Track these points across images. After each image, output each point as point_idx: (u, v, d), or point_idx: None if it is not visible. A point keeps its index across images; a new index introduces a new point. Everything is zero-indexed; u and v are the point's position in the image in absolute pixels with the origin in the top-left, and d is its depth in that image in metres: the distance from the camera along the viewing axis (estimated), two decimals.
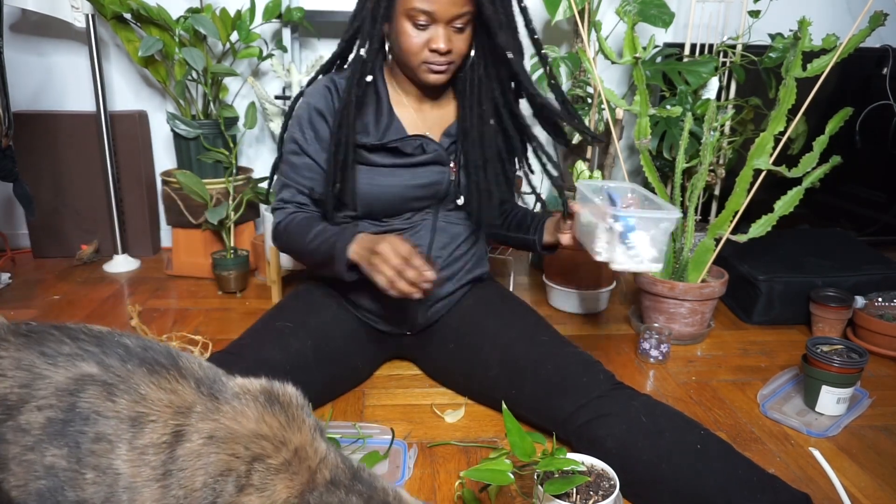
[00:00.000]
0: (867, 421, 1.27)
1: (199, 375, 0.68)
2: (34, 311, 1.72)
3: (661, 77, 1.86)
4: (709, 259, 1.60)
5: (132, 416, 0.61)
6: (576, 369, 1.12)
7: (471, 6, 1.10)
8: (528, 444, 0.85)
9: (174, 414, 0.62)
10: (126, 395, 0.62)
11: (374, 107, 1.22)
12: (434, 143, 1.23)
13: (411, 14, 1.08)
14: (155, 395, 0.63)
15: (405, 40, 1.12)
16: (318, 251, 1.17)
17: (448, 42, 1.11)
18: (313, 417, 0.69)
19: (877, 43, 2.14)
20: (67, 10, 1.87)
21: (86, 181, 2.11)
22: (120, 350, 0.66)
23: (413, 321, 1.30)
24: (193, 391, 0.65)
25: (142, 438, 0.60)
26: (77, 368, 0.63)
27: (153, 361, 0.66)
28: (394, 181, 1.21)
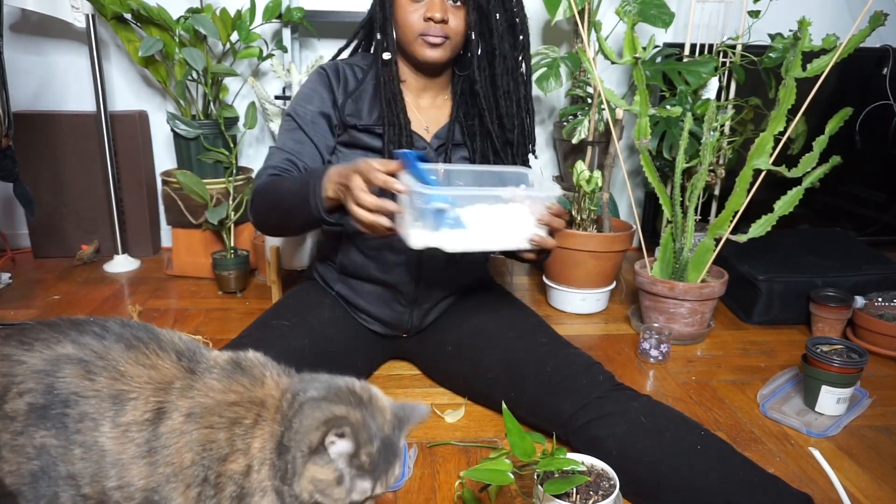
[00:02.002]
0: (867, 421, 1.27)
1: (180, 348, 0.68)
2: (34, 311, 1.72)
3: (661, 77, 1.86)
4: (709, 259, 1.60)
5: (112, 393, 0.62)
6: (576, 370, 1.12)
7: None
8: (528, 444, 0.85)
9: (155, 390, 0.63)
10: (105, 372, 0.63)
11: (373, 90, 1.23)
12: (423, 141, 1.23)
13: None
14: (134, 372, 0.64)
15: (402, 14, 1.14)
16: (291, 197, 1.08)
17: (444, 11, 1.13)
18: (277, 367, 0.72)
19: (877, 43, 2.14)
20: (67, 10, 1.87)
21: (86, 181, 2.11)
22: (96, 328, 0.67)
23: (409, 325, 1.30)
24: (174, 364, 0.66)
25: (124, 416, 0.61)
26: (52, 351, 0.64)
27: (131, 337, 0.67)
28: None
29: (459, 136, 1.26)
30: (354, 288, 1.29)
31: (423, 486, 1.04)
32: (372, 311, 1.29)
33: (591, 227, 1.80)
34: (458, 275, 1.30)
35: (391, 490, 1.01)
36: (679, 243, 1.63)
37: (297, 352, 1.16)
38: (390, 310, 1.28)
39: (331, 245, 1.29)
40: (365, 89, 1.23)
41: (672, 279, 1.63)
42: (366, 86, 1.24)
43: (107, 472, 0.61)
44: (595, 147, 1.91)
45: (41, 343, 0.65)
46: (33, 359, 0.63)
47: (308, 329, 1.21)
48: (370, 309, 1.29)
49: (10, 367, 0.64)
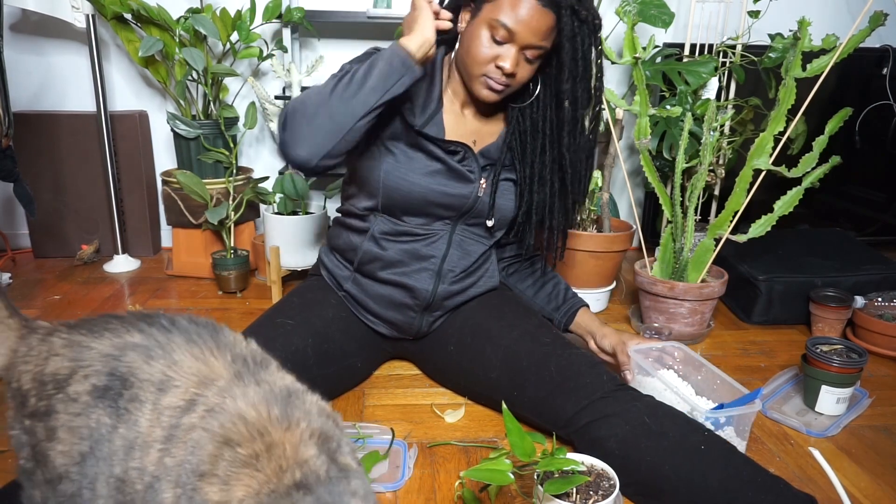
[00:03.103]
0: (867, 421, 1.27)
1: (239, 352, 0.67)
2: (35, 311, 1.72)
3: (661, 77, 1.86)
4: (709, 259, 1.60)
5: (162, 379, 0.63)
6: (578, 370, 1.12)
7: (549, 43, 1.11)
8: (528, 444, 0.85)
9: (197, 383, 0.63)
10: (162, 359, 0.64)
11: (426, 87, 1.19)
12: (472, 157, 1.22)
13: (493, 25, 1.08)
14: (186, 363, 0.64)
15: (476, 46, 1.11)
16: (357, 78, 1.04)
17: (515, 65, 1.11)
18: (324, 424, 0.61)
19: (877, 43, 2.14)
20: (67, 10, 1.87)
21: (86, 181, 2.11)
22: (164, 321, 0.68)
23: (417, 329, 1.30)
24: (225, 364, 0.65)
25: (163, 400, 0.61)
26: (120, 339, 0.66)
27: (195, 332, 0.67)
28: (423, 181, 1.19)
29: (509, 160, 1.26)
30: (366, 289, 1.28)
31: (423, 486, 1.04)
32: (381, 314, 1.29)
33: (591, 227, 1.80)
34: (472, 286, 1.30)
35: (391, 490, 1.01)
36: (679, 243, 1.63)
37: (299, 351, 1.16)
38: (401, 314, 1.28)
39: (350, 243, 1.28)
40: (420, 86, 1.18)
41: (672, 279, 1.63)
42: (422, 82, 1.18)
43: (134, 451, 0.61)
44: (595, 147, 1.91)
45: (111, 332, 0.67)
46: (102, 345, 0.65)
47: (311, 328, 1.21)
48: (380, 311, 1.29)
49: (80, 352, 0.65)
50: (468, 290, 1.30)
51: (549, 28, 1.09)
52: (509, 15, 1.06)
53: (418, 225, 1.23)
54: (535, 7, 1.06)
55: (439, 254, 1.24)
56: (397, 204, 1.21)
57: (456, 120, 1.23)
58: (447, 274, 1.25)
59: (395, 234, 1.23)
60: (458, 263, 1.26)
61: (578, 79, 1.15)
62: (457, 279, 1.26)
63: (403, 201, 1.20)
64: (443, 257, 1.24)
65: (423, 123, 1.18)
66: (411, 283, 1.23)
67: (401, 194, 1.19)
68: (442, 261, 1.24)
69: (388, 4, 1.97)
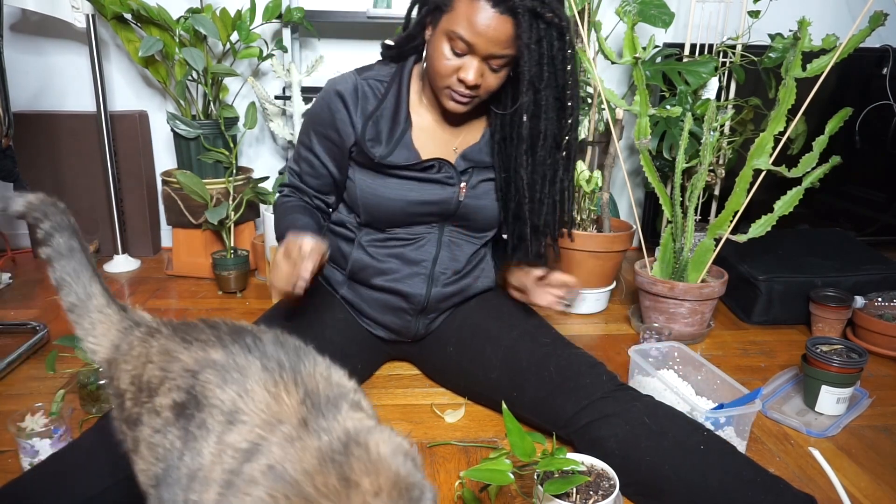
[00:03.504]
0: (867, 421, 1.27)
1: (314, 389, 0.61)
2: (35, 311, 1.72)
3: (661, 77, 1.86)
4: (709, 259, 1.60)
5: (231, 408, 0.59)
6: (578, 370, 1.12)
7: (513, 51, 1.04)
8: (528, 444, 0.85)
9: (264, 423, 0.57)
10: (235, 385, 0.60)
11: (391, 114, 1.18)
12: (449, 166, 1.19)
13: (451, 37, 1.03)
14: (259, 395, 0.59)
15: (437, 59, 1.07)
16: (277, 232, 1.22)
17: (479, 77, 1.06)
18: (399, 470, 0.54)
19: (877, 43, 2.14)
20: (67, 10, 1.87)
21: (86, 181, 2.11)
22: (249, 339, 0.64)
23: (415, 332, 1.30)
24: (296, 404, 0.59)
25: (229, 435, 0.57)
26: (204, 353, 0.63)
27: (275, 359, 0.63)
28: (398, 194, 1.18)
29: (489, 159, 1.22)
30: (361, 294, 1.28)
31: None
32: (378, 318, 1.29)
33: (591, 227, 1.80)
34: (467, 287, 1.30)
35: None
36: (679, 243, 1.63)
37: None
38: (397, 318, 1.28)
39: (340, 251, 1.28)
40: (386, 107, 1.18)
41: (672, 279, 1.63)
42: (387, 102, 1.18)
43: (195, 484, 0.57)
44: (595, 147, 1.91)
45: (198, 344, 0.64)
46: (188, 357, 0.63)
47: (311, 331, 1.21)
48: (376, 316, 1.29)
49: (169, 362, 0.63)
50: (463, 292, 1.29)
51: (510, 35, 1.02)
52: (465, 26, 1.01)
53: (404, 231, 1.23)
54: (492, 15, 1.00)
55: (429, 257, 1.24)
56: (379, 218, 1.22)
57: (431, 132, 1.21)
58: (439, 276, 1.24)
59: (382, 240, 1.24)
60: (450, 265, 1.25)
61: (543, 86, 1.08)
62: (450, 281, 1.26)
63: (383, 215, 1.21)
64: (433, 260, 1.24)
65: (388, 153, 1.16)
66: (404, 289, 1.23)
67: (380, 210, 1.20)
68: (433, 264, 1.24)
69: (388, 4, 1.97)
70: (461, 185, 1.21)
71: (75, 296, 0.76)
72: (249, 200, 1.96)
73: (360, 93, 1.17)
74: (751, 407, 1.10)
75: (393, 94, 1.18)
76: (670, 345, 1.34)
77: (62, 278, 0.75)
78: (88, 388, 1.18)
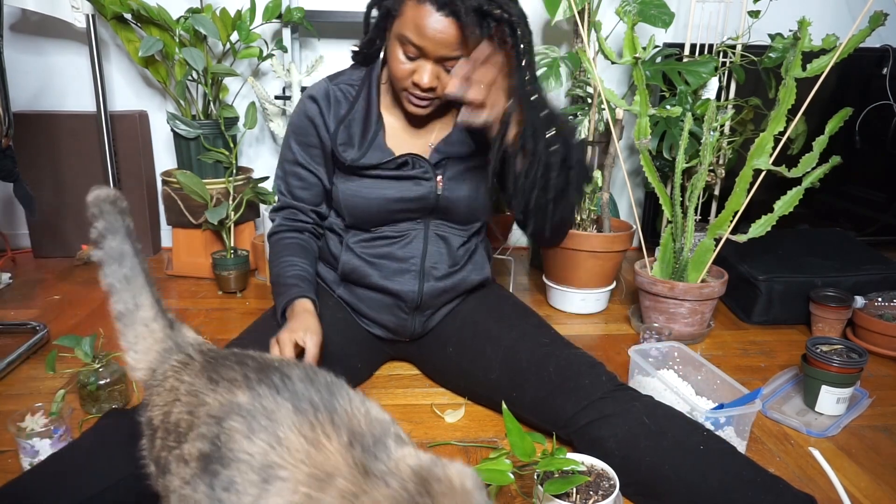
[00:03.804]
0: (867, 421, 1.27)
1: (358, 428, 0.53)
2: (35, 311, 1.72)
3: (661, 77, 1.86)
4: (709, 259, 1.60)
5: (264, 463, 0.51)
6: (578, 370, 1.12)
7: (467, 52, 1.03)
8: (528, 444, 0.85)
9: (309, 477, 0.49)
10: (264, 433, 0.52)
11: (362, 116, 1.19)
12: (422, 160, 1.20)
13: (402, 41, 1.05)
14: (294, 442, 0.51)
15: (393, 64, 1.08)
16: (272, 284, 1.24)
17: (433, 79, 1.06)
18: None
19: (877, 43, 2.14)
20: (67, 10, 1.87)
21: (86, 181, 2.10)
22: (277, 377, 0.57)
23: (412, 331, 1.30)
24: (342, 449, 0.51)
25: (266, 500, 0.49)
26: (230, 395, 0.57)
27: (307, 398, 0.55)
28: (377, 193, 1.20)
29: (463, 148, 1.21)
30: (357, 294, 1.29)
31: None
32: (374, 317, 1.29)
33: (591, 227, 1.80)
34: (461, 281, 1.29)
35: None
36: (679, 243, 1.63)
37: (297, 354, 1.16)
38: (393, 316, 1.28)
39: (332, 251, 1.29)
40: (357, 110, 1.20)
41: (672, 279, 1.63)
42: (358, 105, 1.20)
43: None
44: (595, 147, 1.91)
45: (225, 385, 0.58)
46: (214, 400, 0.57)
47: None
48: (373, 315, 1.29)
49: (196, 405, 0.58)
50: (456, 287, 1.29)
51: (457, 36, 1.01)
52: (413, 30, 1.01)
53: (389, 229, 1.24)
54: (437, 19, 1.00)
55: (418, 253, 1.24)
56: (362, 219, 1.23)
57: (403, 132, 1.22)
58: (430, 271, 1.24)
59: (368, 240, 1.24)
60: (440, 259, 1.25)
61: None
62: (442, 276, 1.26)
63: (366, 215, 1.22)
64: (422, 256, 1.24)
65: (361, 155, 1.18)
66: (395, 288, 1.23)
67: (362, 211, 1.22)
68: (422, 259, 1.24)
69: None
70: (437, 178, 1.21)
71: (123, 304, 0.70)
72: (249, 200, 1.96)
73: (331, 98, 1.20)
74: (751, 407, 1.09)
75: (364, 97, 1.20)
76: (670, 345, 1.34)
77: (112, 284, 0.70)
78: (88, 388, 1.18)
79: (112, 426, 0.96)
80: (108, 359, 1.22)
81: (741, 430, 1.12)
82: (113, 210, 0.70)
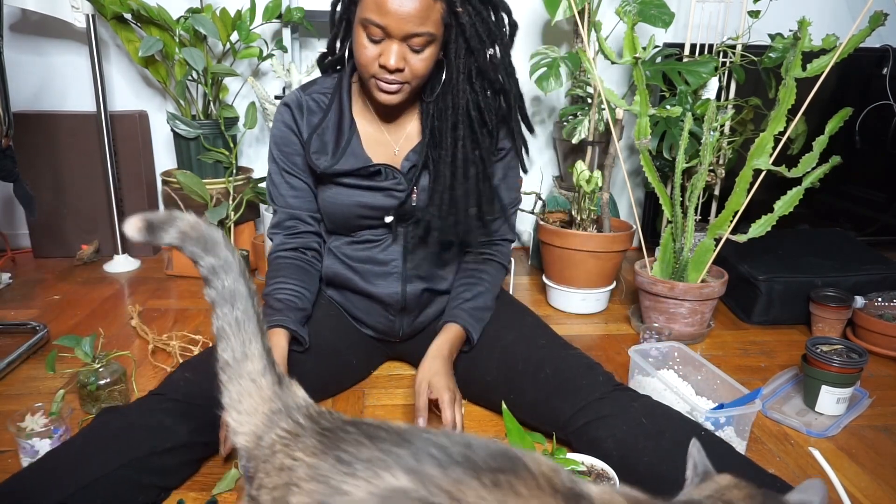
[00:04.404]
0: (867, 421, 1.27)
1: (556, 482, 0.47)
2: (34, 311, 1.72)
3: (661, 77, 1.86)
4: (709, 259, 1.60)
5: None
6: (575, 371, 1.12)
7: (432, 28, 1.03)
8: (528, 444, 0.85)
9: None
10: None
11: (335, 122, 1.19)
12: (395, 171, 1.19)
13: (365, 24, 1.03)
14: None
15: (358, 51, 1.06)
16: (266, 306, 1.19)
17: (400, 60, 1.04)
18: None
19: (877, 43, 2.14)
20: (67, 10, 1.87)
21: (86, 181, 2.11)
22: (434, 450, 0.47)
23: (400, 332, 1.31)
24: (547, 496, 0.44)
25: None
26: (381, 480, 0.46)
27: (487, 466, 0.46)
28: (352, 199, 1.19)
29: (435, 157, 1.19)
30: (344, 296, 1.30)
31: None
32: (362, 319, 1.30)
33: (591, 227, 1.80)
34: (443, 281, 1.29)
35: None
36: (679, 243, 1.63)
37: (293, 351, 1.16)
38: (380, 318, 1.28)
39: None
40: (330, 118, 1.19)
41: (672, 279, 1.63)
42: (331, 113, 1.19)
43: None
44: (595, 147, 1.91)
45: (365, 466, 0.47)
46: (358, 489, 0.45)
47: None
48: (360, 316, 1.30)
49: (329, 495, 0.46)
50: (440, 288, 1.28)
51: (423, 10, 1.00)
52: (374, 10, 1.00)
53: (369, 233, 1.23)
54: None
55: (398, 255, 1.23)
56: (340, 223, 1.23)
57: (374, 136, 1.21)
58: (413, 272, 1.24)
59: (349, 244, 1.25)
60: (421, 262, 1.25)
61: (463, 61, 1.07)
62: (424, 277, 1.25)
63: (342, 220, 1.22)
64: (403, 259, 1.24)
65: (334, 162, 1.17)
66: (378, 292, 1.24)
67: (338, 215, 1.22)
68: (403, 262, 1.24)
69: None
70: (413, 189, 1.19)
71: (231, 353, 0.60)
72: (249, 200, 1.96)
73: (304, 108, 1.19)
74: (751, 407, 1.09)
75: (336, 104, 1.19)
76: (670, 345, 1.34)
77: (222, 328, 0.61)
78: (88, 388, 1.18)
79: (104, 423, 0.97)
80: (108, 359, 1.22)
81: (741, 430, 1.12)
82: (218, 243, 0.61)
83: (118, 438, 0.93)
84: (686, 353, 1.31)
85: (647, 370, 1.24)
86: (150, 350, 1.48)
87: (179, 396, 1.02)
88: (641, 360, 1.26)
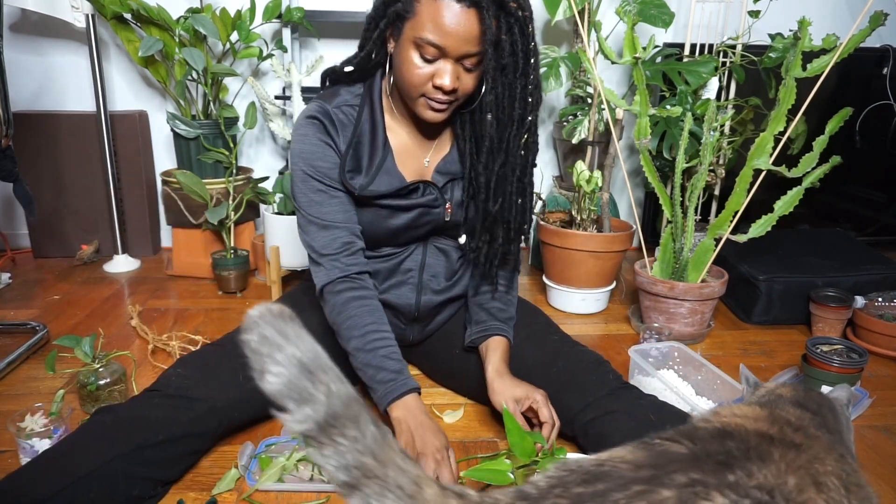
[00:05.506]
0: (867, 421, 1.27)
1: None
2: (35, 311, 1.72)
3: (661, 77, 1.86)
4: (709, 259, 1.60)
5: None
6: (584, 367, 1.13)
7: (483, 46, 0.98)
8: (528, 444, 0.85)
9: None
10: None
11: (369, 139, 1.12)
12: (432, 187, 1.15)
13: (419, 44, 0.97)
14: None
15: (408, 70, 1.00)
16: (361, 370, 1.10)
17: (455, 80, 1.00)
18: None
19: (877, 43, 2.14)
20: (67, 10, 1.87)
21: (86, 181, 2.11)
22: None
23: (410, 339, 1.31)
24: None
25: None
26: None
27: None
28: (388, 224, 1.15)
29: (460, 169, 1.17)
30: None
31: None
32: None
33: (591, 227, 1.80)
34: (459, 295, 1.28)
35: None
36: (679, 243, 1.63)
37: None
38: (392, 326, 1.27)
39: None
40: (363, 132, 1.11)
41: (672, 279, 1.63)
42: (363, 127, 1.11)
43: None
44: (595, 147, 1.91)
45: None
46: None
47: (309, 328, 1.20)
48: None
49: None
50: (455, 300, 1.28)
51: (478, 30, 0.96)
52: (432, 30, 0.95)
53: (390, 248, 1.20)
54: (458, 11, 0.94)
55: (416, 266, 1.22)
56: (372, 243, 1.18)
57: (406, 149, 1.15)
58: (428, 284, 1.24)
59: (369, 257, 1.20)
60: (438, 272, 1.24)
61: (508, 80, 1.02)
62: (440, 289, 1.25)
63: (372, 241, 1.18)
64: (420, 269, 1.22)
65: (370, 181, 1.10)
66: (393, 301, 1.22)
67: (368, 237, 1.16)
68: (420, 272, 1.23)
69: None
70: (446, 205, 1.17)
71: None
72: (249, 200, 1.96)
73: (337, 121, 1.10)
74: None
75: (367, 117, 1.12)
76: (670, 345, 1.34)
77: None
78: (88, 388, 1.18)
79: (97, 420, 0.98)
80: (107, 359, 1.22)
81: None
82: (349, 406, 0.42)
83: (111, 433, 0.94)
84: (686, 353, 1.31)
85: (647, 370, 1.24)
86: (150, 350, 1.48)
87: (172, 391, 1.03)
88: (641, 360, 1.26)
